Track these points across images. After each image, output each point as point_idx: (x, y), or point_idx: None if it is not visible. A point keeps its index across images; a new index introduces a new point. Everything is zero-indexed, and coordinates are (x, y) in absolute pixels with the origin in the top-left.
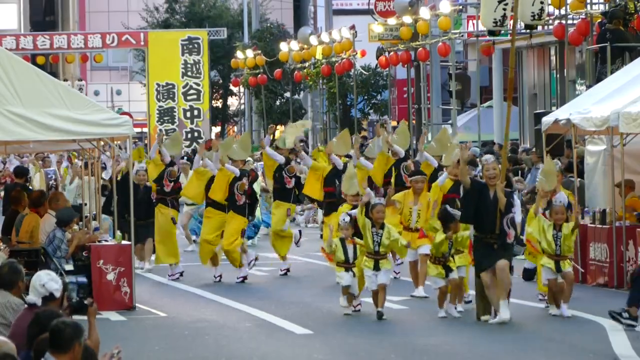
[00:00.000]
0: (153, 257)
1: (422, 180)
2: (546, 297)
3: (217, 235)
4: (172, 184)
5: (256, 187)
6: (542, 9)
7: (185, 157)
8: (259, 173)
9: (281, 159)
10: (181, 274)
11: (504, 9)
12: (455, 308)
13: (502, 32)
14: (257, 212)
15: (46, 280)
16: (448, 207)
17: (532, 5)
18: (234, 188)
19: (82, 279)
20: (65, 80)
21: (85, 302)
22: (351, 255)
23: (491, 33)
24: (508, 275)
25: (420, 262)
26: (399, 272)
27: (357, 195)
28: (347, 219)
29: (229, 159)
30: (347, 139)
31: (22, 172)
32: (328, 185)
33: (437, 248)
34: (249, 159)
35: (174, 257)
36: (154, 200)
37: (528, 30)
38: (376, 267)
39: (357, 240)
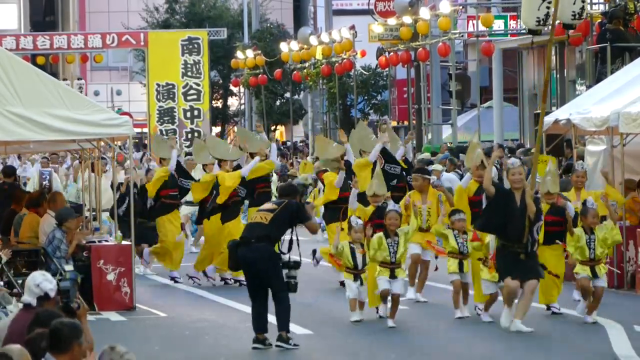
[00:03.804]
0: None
1: (422, 179)
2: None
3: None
4: None
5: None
6: (582, 8)
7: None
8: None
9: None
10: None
11: (548, 8)
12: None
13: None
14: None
15: (40, 281)
16: None
17: (574, 4)
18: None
19: (65, 284)
20: (64, 79)
21: (71, 304)
22: (360, 262)
23: (532, 32)
24: (532, 298)
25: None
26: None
27: (374, 196)
28: (360, 221)
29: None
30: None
31: (11, 172)
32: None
33: None
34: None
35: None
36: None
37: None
38: (392, 276)
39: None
